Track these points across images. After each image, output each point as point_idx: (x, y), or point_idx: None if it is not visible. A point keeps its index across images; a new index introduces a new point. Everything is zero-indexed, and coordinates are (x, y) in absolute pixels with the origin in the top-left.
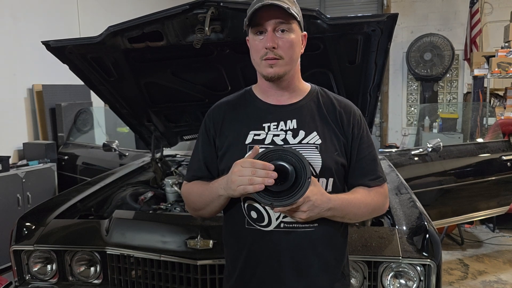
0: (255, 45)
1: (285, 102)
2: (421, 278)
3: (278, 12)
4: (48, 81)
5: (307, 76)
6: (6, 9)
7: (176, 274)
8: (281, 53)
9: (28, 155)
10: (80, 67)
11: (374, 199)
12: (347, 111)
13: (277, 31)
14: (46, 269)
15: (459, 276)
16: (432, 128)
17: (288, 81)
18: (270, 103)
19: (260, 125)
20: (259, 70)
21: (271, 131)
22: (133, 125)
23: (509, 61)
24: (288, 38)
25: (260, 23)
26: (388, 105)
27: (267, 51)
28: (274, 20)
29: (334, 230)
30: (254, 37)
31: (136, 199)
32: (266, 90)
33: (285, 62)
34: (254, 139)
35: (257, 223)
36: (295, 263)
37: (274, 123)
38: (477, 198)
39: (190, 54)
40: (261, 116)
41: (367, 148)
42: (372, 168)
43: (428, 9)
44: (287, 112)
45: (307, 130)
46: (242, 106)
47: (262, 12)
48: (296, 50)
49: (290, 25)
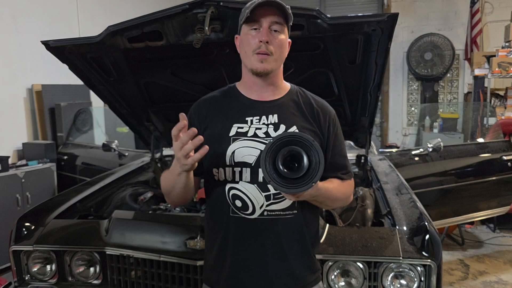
0: (248, 39)
1: (267, 98)
2: (421, 279)
3: (276, 11)
4: (48, 81)
5: (307, 76)
6: (6, 9)
7: (176, 274)
8: (273, 50)
9: (27, 155)
10: (80, 67)
11: (347, 189)
12: (324, 111)
13: (271, 30)
14: (45, 270)
15: (459, 276)
16: (432, 128)
17: (272, 78)
18: (253, 98)
19: (243, 118)
20: (249, 64)
21: (253, 124)
22: (133, 125)
23: (509, 61)
24: (279, 38)
25: (257, 20)
26: (388, 105)
27: (260, 44)
28: (271, 19)
29: (311, 216)
30: (249, 32)
31: (135, 199)
32: (251, 85)
33: (274, 59)
34: (238, 131)
35: (241, 211)
36: (278, 248)
37: (257, 117)
38: (477, 198)
39: (190, 54)
40: (244, 110)
41: (339, 145)
42: (344, 163)
43: (429, 8)
44: (269, 107)
45: (288, 124)
46: (226, 101)
47: (261, 10)
48: (284, 51)
49: (283, 27)
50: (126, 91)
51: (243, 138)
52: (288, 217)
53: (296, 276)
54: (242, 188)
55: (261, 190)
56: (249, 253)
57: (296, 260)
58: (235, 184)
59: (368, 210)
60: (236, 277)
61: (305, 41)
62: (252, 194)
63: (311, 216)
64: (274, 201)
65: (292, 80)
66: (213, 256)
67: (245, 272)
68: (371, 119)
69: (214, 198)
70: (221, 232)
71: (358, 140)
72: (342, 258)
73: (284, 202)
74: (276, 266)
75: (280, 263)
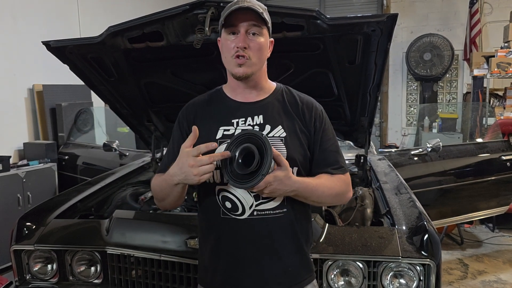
0: (227, 44)
1: (252, 100)
2: (420, 278)
3: (252, 16)
4: (49, 81)
5: (307, 76)
6: (7, 9)
7: (176, 273)
8: (250, 54)
9: (28, 155)
10: (81, 67)
11: (337, 184)
12: (309, 107)
13: (249, 33)
14: (46, 269)
15: (458, 276)
16: (431, 128)
17: (255, 80)
18: (239, 100)
19: (229, 121)
20: (229, 68)
21: (239, 126)
22: (133, 125)
23: (508, 61)
24: (258, 41)
25: (234, 24)
26: (387, 105)
27: (238, 49)
28: (248, 22)
29: (302, 213)
30: (227, 37)
31: (136, 199)
32: (235, 88)
33: (252, 63)
34: (224, 134)
35: (231, 213)
36: (270, 247)
37: (242, 119)
38: (476, 198)
39: (190, 54)
40: (230, 112)
41: (329, 140)
42: (335, 158)
43: (428, 9)
44: (254, 108)
45: (273, 124)
46: (213, 104)
47: (238, 14)
48: (264, 53)
49: (261, 29)
50: (127, 91)
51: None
52: (278, 216)
53: (289, 274)
54: (231, 189)
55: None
56: (242, 254)
57: (289, 258)
58: (224, 186)
59: (367, 209)
60: (230, 277)
61: (305, 41)
62: (241, 195)
63: (302, 214)
64: (263, 200)
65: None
66: (207, 257)
67: (239, 272)
68: (371, 119)
69: (205, 201)
70: (213, 234)
71: (357, 140)
72: (342, 257)
73: (273, 201)
74: (270, 265)
75: (274, 261)
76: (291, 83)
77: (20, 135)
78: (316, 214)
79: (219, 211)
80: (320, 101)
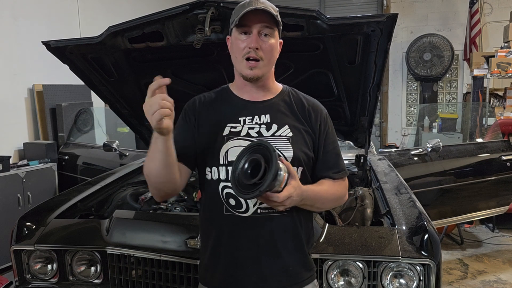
0: (238, 44)
1: (260, 99)
2: (420, 278)
3: (266, 17)
4: (49, 81)
5: (307, 76)
6: (7, 9)
7: (177, 273)
8: (262, 55)
9: (28, 155)
10: (81, 67)
11: (338, 190)
12: (315, 109)
13: (261, 34)
14: (46, 269)
15: (458, 275)
16: (431, 128)
17: (263, 81)
18: (246, 99)
19: (236, 118)
20: (239, 69)
21: (246, 124)
22: (134, 125)
23: (508, 61)
24: (269, 42)
25: (247, 25)
26: (387, 105)
27: (250, 50)
28: (261, 24)
29: (304, 213)
30: (239, 36)
31: (136, 199)
32: (242, 87)
33: (264, 64)
34: (231, 131)
35: (235, 210)
36: (272, 245)
37: (249, 117)
38: (476, 198)
39: (190, 54)
40: (237, 110)
41: (332, 144)
42: (336, 162)
43: (428, 9)
44: (261, 107)
45: (279, 123)
46: (220, 102)
47: (251, 15)
48: (274, 54)
49: (273, 31)
50: (127, 92)
51: (236, 138)
52: (281, 215)
53: (290, 273)
54: None
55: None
56: (243, 252)
57: (290, 257)
58: (229, 183)
59: (367, 209)
60: (230, 275)
61: (305, 41)
62: None
63: (305, 214)
64: None
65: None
66: (207, 255)
67: (239, 270)
68: (371, 119)
69: (208, 197)
70: (214, 231)
71: (357, 140)
72: (342, 257)
73: None
74: (270, 263)
75: (274, 260)
76: (291, 83)
77: (20, 135)
78: (316, 214)
79: (222, 208)
80: (320, 101)
